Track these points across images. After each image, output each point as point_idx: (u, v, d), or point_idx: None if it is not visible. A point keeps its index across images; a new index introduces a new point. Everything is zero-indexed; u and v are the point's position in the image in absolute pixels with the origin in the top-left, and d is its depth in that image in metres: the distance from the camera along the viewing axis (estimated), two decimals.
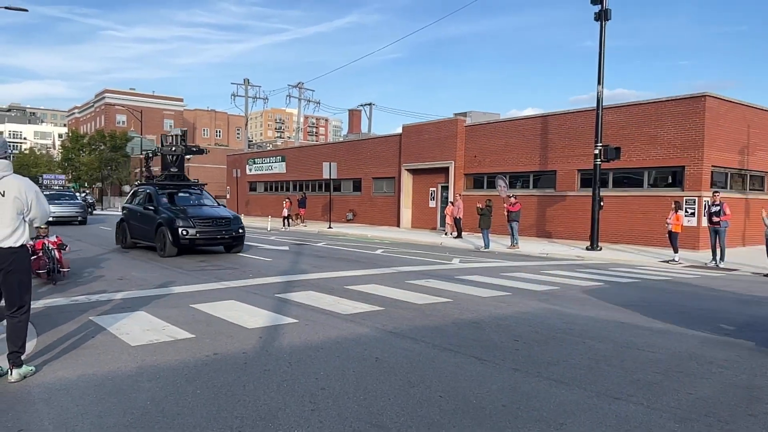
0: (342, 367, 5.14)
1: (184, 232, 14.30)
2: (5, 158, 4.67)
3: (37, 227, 9.19)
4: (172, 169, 18.13)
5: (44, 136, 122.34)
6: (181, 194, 16.57)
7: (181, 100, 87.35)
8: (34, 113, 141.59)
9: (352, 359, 5.38)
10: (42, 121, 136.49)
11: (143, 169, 21.04)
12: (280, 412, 4.02)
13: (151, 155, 19.94)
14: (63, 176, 45.52)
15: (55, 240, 10.58)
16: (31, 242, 8.79)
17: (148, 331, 6.34)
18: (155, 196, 15.90)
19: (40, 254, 9.92)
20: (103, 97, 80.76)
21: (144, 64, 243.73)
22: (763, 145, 20.96)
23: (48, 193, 29.44)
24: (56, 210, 25.70)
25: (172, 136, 18.95)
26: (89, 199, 46.37)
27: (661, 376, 5.01)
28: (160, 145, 19.04)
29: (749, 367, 5.36)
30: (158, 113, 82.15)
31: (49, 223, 23.78)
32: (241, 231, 15.40)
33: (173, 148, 18.18)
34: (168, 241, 14.24)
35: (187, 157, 53.38)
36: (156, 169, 19.94)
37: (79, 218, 28.08)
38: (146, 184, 17.62)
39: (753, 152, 20.55)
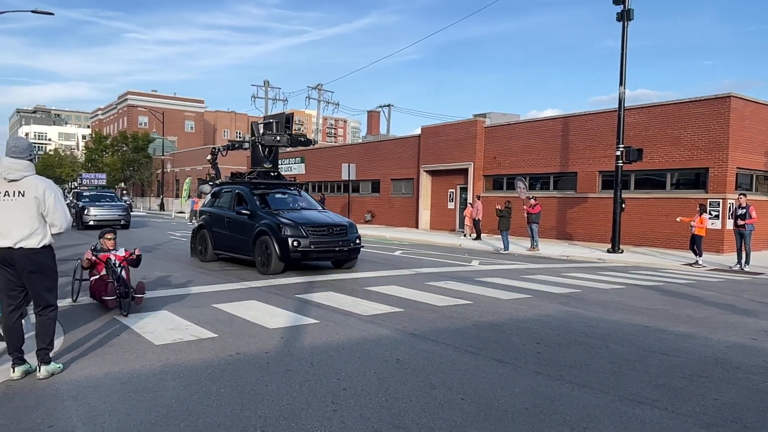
0: (363, 367, 5.15)
1: (296, 243, 11.24)
2: (30, 160, 4.74)
3: (100, 238, 8.09)
4: (265, 165, 14.73)
5: (68, 137, 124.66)
6: (278, 196, 13.56)
7: (202, 101, 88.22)
8: (58, 115, 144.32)
9: (373, 360, 5.40)
10: (66, 123, 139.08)
11: (211, 166, 16.61)
12: (302, 412, 4.05)
13: (222, 150, 16.30)
14: (103, 175, 39.99)
15: (123, 254, 7.94)
16: (94, 257, 7.73)
17: (172, 330, 6.42)
18: (248, 198, 12.84)
19: (104, 273, 7.70)
20: (126, 99, 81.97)
21: (166, 66, 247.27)
22: None
23: (88, 193, 27.35)
24: (97, 213, 24.72)
25: (273, 122, 14.69)
26: (128, 200, 46.88)
27: (686, 381, 4.95)
28: (250, 135, 15.42)
29: None
30: (179, 114, 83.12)
31: (87, 227, 22.08)
32: (358, 242, 12.44)
33: (277, 138, 14.25)
34: (274, 254, 11.25)
35: (208, 157, 53.82)
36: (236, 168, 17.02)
37: (122, 221, 25.61)
38: (233, 183, 14.32)
39: None
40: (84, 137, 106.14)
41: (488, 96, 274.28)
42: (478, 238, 22.44)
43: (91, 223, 23.99)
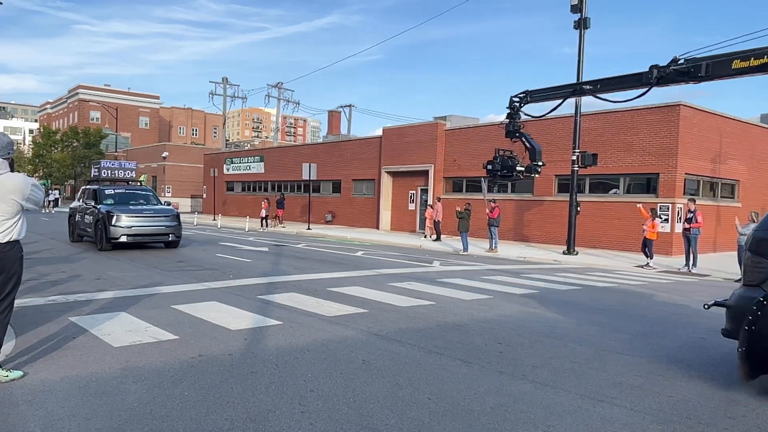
0: (329, 369, 5.14)
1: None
2: (7, 158, 4.56)
3: None
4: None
5: (14, 131, 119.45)
6: (120, 192, 17.47)
7: (157, 97, 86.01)
8: (3, 108, 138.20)
9: (339, 361, 5.39)
10: (12, 116, 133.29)
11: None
12: (270, 414, 4.02)
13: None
14: (133, 164, 24.26)
15: None
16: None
17: (131, 332, 6.25)
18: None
19: None
20: (77, 93, 79.19)
21: (119, 60, 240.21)
22: (734, 153, 21.52)
23: (113, 191, 17.38)
24: (133, 223, 15.56)
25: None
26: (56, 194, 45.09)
27: (642, 379, 5.13)
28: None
29: (726, 370, 5.51)
30: (134, 110, 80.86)
31: (117, 244, 15.56)
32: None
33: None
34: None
35: (164, 155, 52.19)
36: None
37: (171, 236, 16.50)
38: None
39: (724, 161, 21.09)
40: (31, 132, 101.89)
41: (449, 98, 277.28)
42: (438, 239, 22.65)
43: (124, 239, 15.40)
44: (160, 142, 65.02)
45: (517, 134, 15.50)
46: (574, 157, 18.37)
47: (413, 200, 28.42)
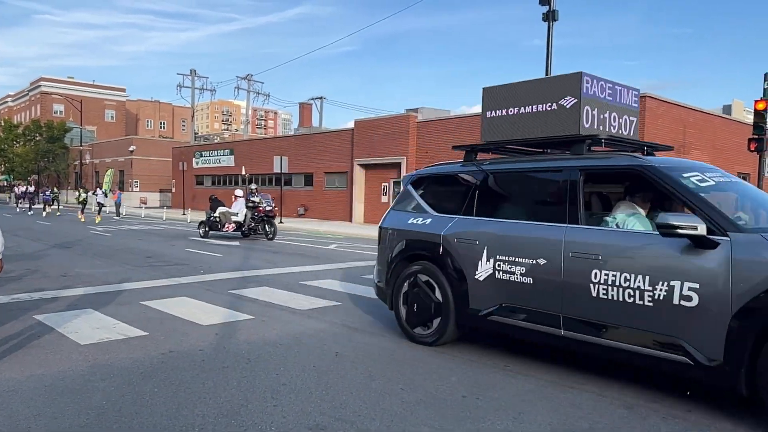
0: (302, 362, 5.13)
1: None
2: None
3: None
4: None
5: None
6: None
7: (123, 90, 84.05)
8: None
9: (312, 354, 5.38)
10: None
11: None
12: (242, 408, 4.00)
13: None
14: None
15: None
16: None
17: (98, 329, 6.14)
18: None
19: None
20: (39, 86, 76.87)
21: (84, 52, 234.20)
22: (697, 144, 22.07)
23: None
24: None
25: None
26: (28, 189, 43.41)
27: (609, 366, 5.24)
28: None
29: None
30: (99, 103, 78.90)
31: None
32: None
33: None
34: None
35: (131, 149, 51.19)
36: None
37: None
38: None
39: (688, 151, 21.61)
40: None
41: (421, 90, 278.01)
42: None
43: None
44: (126, 136, 63.68)
45: None
46: None
47: (386, 192, 28.44)
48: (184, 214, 33.73)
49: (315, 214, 32.04)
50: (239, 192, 19.39)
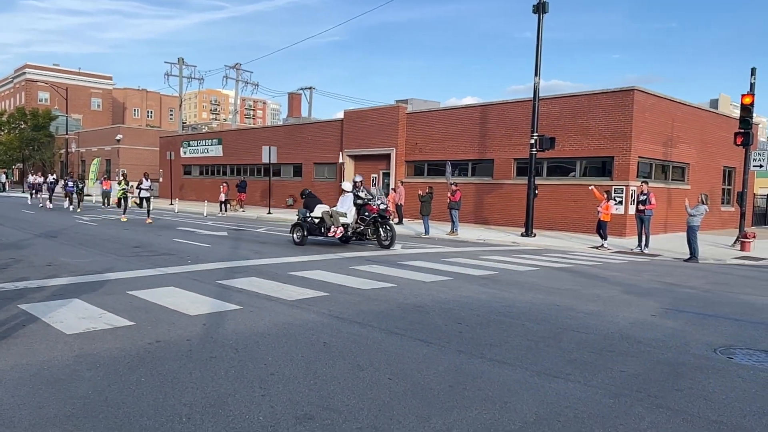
0: (290, 352, 5.13)
1: None
2: None
3: None
4: None
5: None
6: None
7: (110, 78, 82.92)
8: None
9: (300, 344, 5.38)
10: None
11: None
12: (229, 398, 3.99)
13: None
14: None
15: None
16: None
17: (84, 319, 6.09)
18: None
19: None
20: (24, 73, 75.63)
21: (69, 38, 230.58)
22: (684, 138, 22.24)
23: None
24: None
25: None
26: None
27: (595, 355, 5.30)
28: None
29: (674, 345, 5.75)
30: (85, 91, 77.83)
31: None
32: None
33: None
34: None
35: (118, 138, 50.50)
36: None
37: None
38: None
39: (675, 145, 21.78)
40: None
41: (411, 82, 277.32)
42: (400, 222, 22.75)
43: None
44: (113, 125, 62.89)
45: None
46: (533, 141, 18.65)
47: (375, 184, 28.39)
48: (171, 204, 33.48)
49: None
50: (347, 185, 15.41)
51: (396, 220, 23.11)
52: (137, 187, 23.40)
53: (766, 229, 26.28)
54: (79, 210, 26.43)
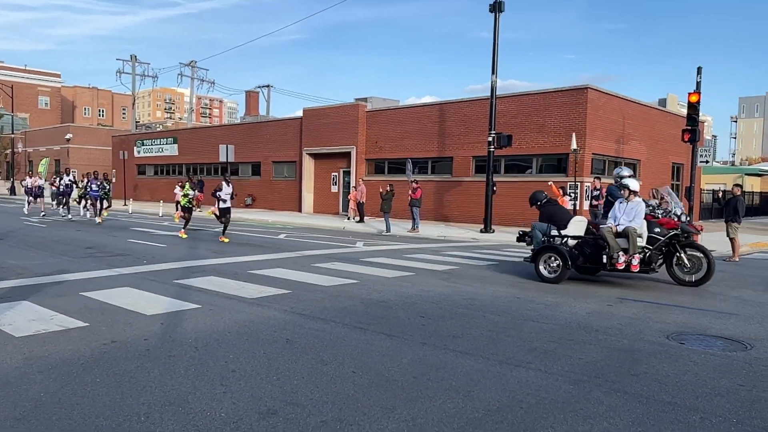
0: (252, 349, 5.05)
1: None
2: None
3: None
4: None
5: None
6: None
7: (58, 75, 79.96)
8: None
9: (262, 341, 5.31)
10: None
11: None
12: (190, 396, 3.89)
13: None
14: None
15: None
16: None
17: (34, 321, 5.85)
18: None
19: None
20: None
21: (14, 35, 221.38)
22: (635, 135, 22.95)
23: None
24: None
25: None
26: None
27: (555, 344, 5.41)
28: None
29: (629, 333, 5.92)
30: (32, 89, 74.86)
31: None
32: None
33: None
34: None
35: (67, 137, 48.82)
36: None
37: None
38: None
39: (627, 141, 22.45)
40: None
41: (370, 80, 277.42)
42: (361, 220, 22.72)
43: None
44: (62, 124, 60.71)
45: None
46: (490, 139, 18.91)
47: (336, 182, 28.29)
48: (125, 204, 32.54)
49: (263, 204, 31.54)
50: (633, 183, 9.29)
51: (358, 218, 23.10)
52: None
53: (712, 223, 27.38)
54: (99, 221, 20.35)
